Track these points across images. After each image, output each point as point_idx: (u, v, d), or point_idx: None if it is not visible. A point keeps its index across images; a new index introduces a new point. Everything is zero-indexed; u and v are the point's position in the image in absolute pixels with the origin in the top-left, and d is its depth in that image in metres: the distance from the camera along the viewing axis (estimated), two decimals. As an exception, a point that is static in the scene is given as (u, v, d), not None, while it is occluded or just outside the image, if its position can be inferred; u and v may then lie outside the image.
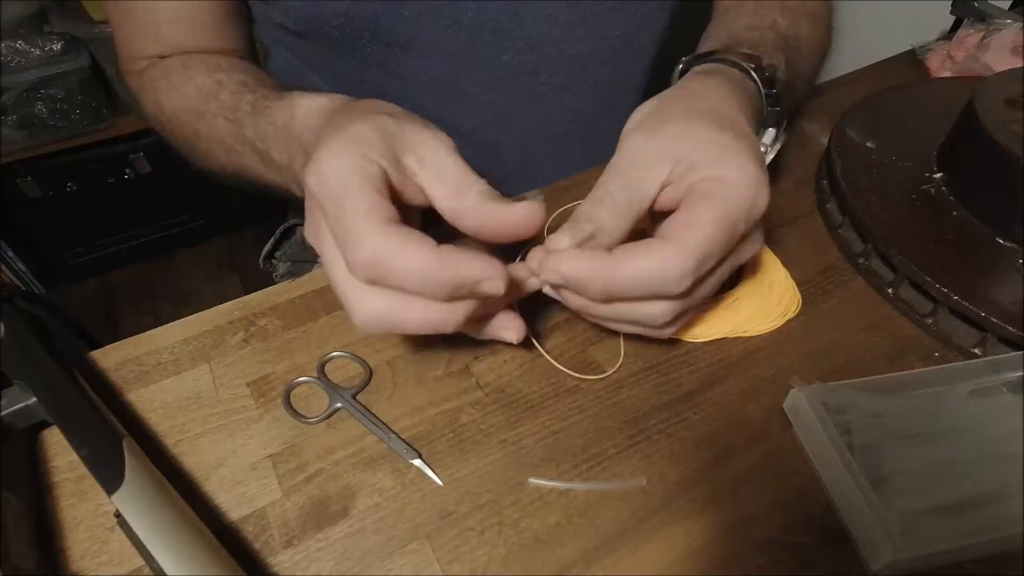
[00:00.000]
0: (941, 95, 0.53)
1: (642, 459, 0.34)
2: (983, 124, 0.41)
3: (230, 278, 1.71)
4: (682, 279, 0.29)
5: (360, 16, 0.46)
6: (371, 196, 0.28)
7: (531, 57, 0.51)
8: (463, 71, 0.51)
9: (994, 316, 0.36)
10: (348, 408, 0.36)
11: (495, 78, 0.52)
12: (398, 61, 0.50)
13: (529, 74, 0.52)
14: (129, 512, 0.27)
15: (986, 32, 0.60)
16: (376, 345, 0.39)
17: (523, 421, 0.36)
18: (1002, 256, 0.41)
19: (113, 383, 0.38)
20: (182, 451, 0.35)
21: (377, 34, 0.47)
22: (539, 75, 0.53)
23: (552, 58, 0.52)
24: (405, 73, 0.51)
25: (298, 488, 0.33)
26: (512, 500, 0.33)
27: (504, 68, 0.51)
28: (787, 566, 0.30)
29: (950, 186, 0.44)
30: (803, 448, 0.34)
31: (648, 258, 0.29)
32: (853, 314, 0.41)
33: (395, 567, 0.30)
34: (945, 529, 0.30)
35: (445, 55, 0.50)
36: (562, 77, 0.54)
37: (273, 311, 0.41)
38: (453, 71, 0.51)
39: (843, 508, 0.32)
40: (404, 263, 0.27)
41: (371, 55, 0.49)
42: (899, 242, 0.41)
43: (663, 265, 0.29)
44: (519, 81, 0.53)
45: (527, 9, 0.49)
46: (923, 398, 0.35)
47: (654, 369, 0.38)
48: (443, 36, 0.48)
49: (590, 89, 0.56)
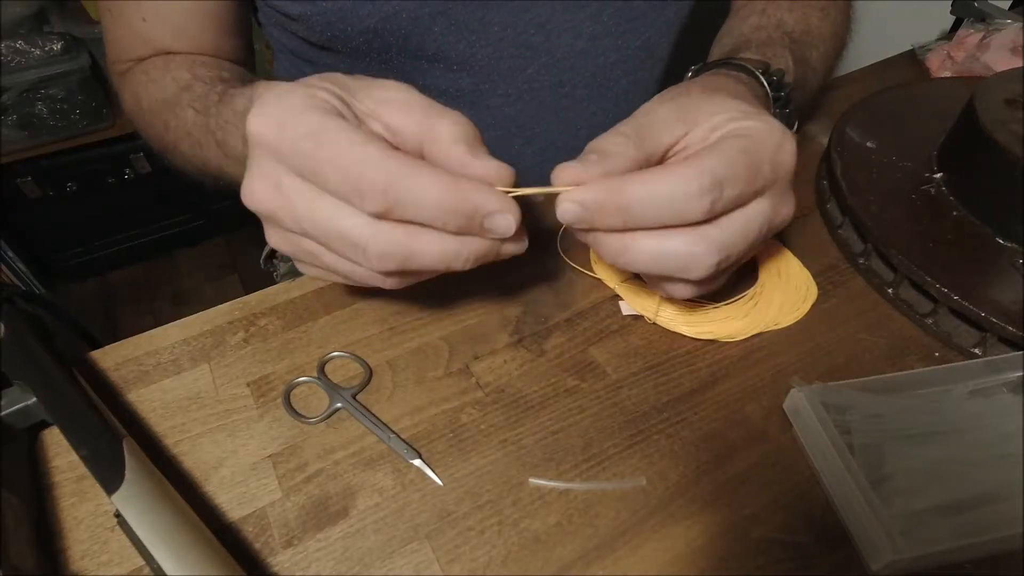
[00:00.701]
0: (941, 95, 0.53)
1: (642, 459, 0.34)
2: (983, 124, 0.41)
3: (230, 278, 1.71)
4: (699, 197, 0.28)
5: (389, 32, 0.45)
6: (354, 125, 0.26)
7: (556, 69, 0.52)
8: (488, 84, 0.51)
9: (994, 316, 0.36)
10: (348, 408, 0.36)
11: (520, 90, 0.52)
12: (423, 74, 0.49)
13: (553, 86, 0.53)
14: (129, 512, 0.27)
15: (986, 32, 0.60)
16: (376, 345, 0.39)
17: (523, 421, 0.36)
18: (1002, 256, 0.41)
19: (113, 383, 0.38)
20: (182, 451, 0.35)
21: (405, 49, 0.47)
22: (563, 87, 0.53)
23: (576, 70, 0.52)
24: (429, 84, 0.50)
25: (298, 488, 0.33)
26: (512, 500, 0.33)
27: (529, 80, 0.52)
28: (787, 566, 0.30)
29: (950, 186, 0.44)
30: (803, 448, 0.34)
31: (662, 174, 0.28)
32: (853, 314, 0.41)
33: (395, 567, 0.31)
34: (945, 529, 0.30)
35: (471, 69, 0.50)
36: (584, 89, 0.54)
37: (273, 311, 0.41)
38: (478, 84, 0.51)
39: (843, 508, 0.32)
40: (422, 187, 0.25)
41: (396, 67, 0.49)
42: (899, 242, 0.41)
43: (677, 180, 0.28)
44: (543, 93, 0.53)
45: (554, 23, 0.49)
46: (923, 398, 0.35)
47: (654, 369, 0.38)
48: (471, 51, 0.48)
49: (611, 99, 0.56)
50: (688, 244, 0.29)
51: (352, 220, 0.27)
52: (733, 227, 0.30)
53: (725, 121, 0.31)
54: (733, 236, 0.30)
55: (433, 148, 0.29)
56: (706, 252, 0.29)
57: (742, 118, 0.31)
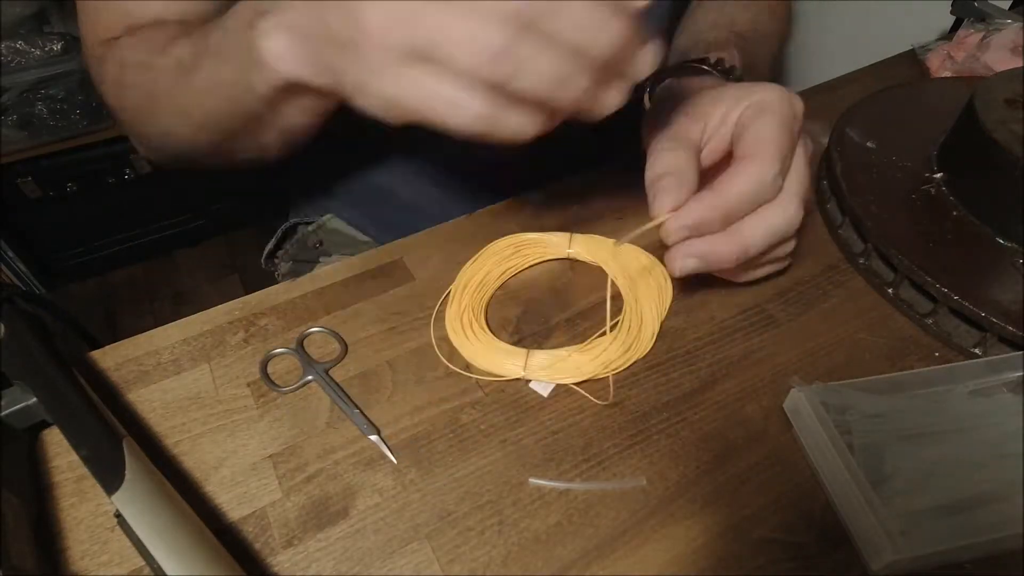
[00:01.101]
0: (941, 95, 0.53)
1: (642, 459, 0.34)
2: (983, 124, 0.41)
3: (230, 278, 1.71)
4: (776, 179, 0.35)
5: None
6: None
7: None
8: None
9: (994, 316, 0.36)
10: (319, 381, 0.37)
11: None
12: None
13: None
14: (129, 512, 0.27)
15: (986, 32, 0.60)
16: (376, 345, 0.39)
17: (523, 421, 0.36)
18: (1002, 256, 0.41)
19: (113, 383, 0.38)
20: (182, 451, 0.35)
21: None
22: None
23: None
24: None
25: (298, 488, 0.33)
26: (512, 500, 0.33)
27: None
28: (787, 566, 0.30)
29: (950, 186, 0.44)
30: (803, 448, 0.34)
31: (745, 175, 0.34)
32: (853, 314, 0.41)
33: (395, 567, 0.31)
34: (945, 529, 0.30)
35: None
36: None
37: (273, 311, 0.41)
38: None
39: (843, 508, 0.32)
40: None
41: None
42: (899, 242, 0.41)
43: (758, 174, 0.34)
44: None
45: None
46: (923, 398, 0.35)
47: (654, 369, 0.38)
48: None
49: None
50: (784, 209, 0.36)
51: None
52: (797, 175, 0.36)
53: (733, 104, 0.37)
54: (800, 181, 0.36)
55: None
56: (796, 205, 0.36)
57: (745, 96, 0.37)
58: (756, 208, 0.35)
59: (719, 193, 0.34)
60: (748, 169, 0.34)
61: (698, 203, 0.34)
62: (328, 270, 0.44)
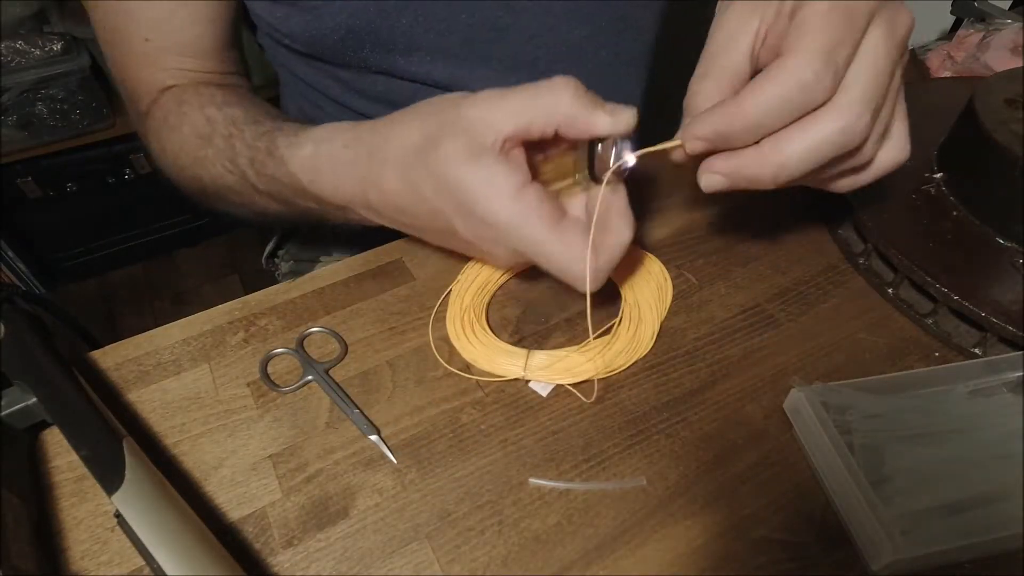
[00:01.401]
0: (941, 95, 0.53)
1: (642, 459, 0.34)
2: (983, 124, 0.41)
3: (230, 278, 1.71)
4: (820, 78, 0.27)
5: (359, 28, 0.46)
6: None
7: (530, 47, 0.52)
8: (464, 69, 0.51)
9: (994, 316, 0.36)
10: (319, 381, 0.37)
11: (496, 72, 0.52)
12: (402, 67, 0.50)
13: (528, 64, 0.53)
14: (129, 512, 0.27)
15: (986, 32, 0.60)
16: (376, 345, 0.39)
17: (523, 421, 0.36)
18: (1002, 256, 0.41)
19: (113, 383, 0.38)
20: (182, 451, 0.35)
21: (377, 44, 0.48)
22: (538, 64, 0.53)
23: (550, 46, 0.52)
24: (406, 77, 0.51)
25: (298, 488, 0.33)
26: (512, 500, 0.33)
27: (504, 61, 0.52)
28: (787, 566, 0.30)
29: (950, 186, 0.44)
30: (803, 448, 0.34)
31: (774, 77, 0.28)
32: (853, 314, 0.41)
33: (395, 567, 0.31)
34: (945, 529, 0.30)
35: (445, 57, 0.50)
36: (561, 64, 0.54)
37: (273, 311, 0.41)
38: (455, 71, 0.51)
39: (843, 508, 0.32)
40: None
41: (375, 63, 0.50)
42: (899, 242, 0.41)
43: (794, 74, 0.27)
44: (521, 72, 0.53)
45: (521, 3, 0.49)
46: (923, 398, 0.35)
47: (654, 369, 0.38)
48: (441, 39, 0.49)
49: (591, 71, 0.56)
50: (838, 116, 0.28)
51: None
52: (862, 76, 0.28)
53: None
54: (866, 83, 0.28)
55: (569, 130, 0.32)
56: (856, 112, 0.28)
57: None
58: (798, 116, 0.28)
59: (740, 100, 0.28)
60: (780, 69, 0.28)
61: (712, 113, 0.29)
62: (328, 270, 0.44)
